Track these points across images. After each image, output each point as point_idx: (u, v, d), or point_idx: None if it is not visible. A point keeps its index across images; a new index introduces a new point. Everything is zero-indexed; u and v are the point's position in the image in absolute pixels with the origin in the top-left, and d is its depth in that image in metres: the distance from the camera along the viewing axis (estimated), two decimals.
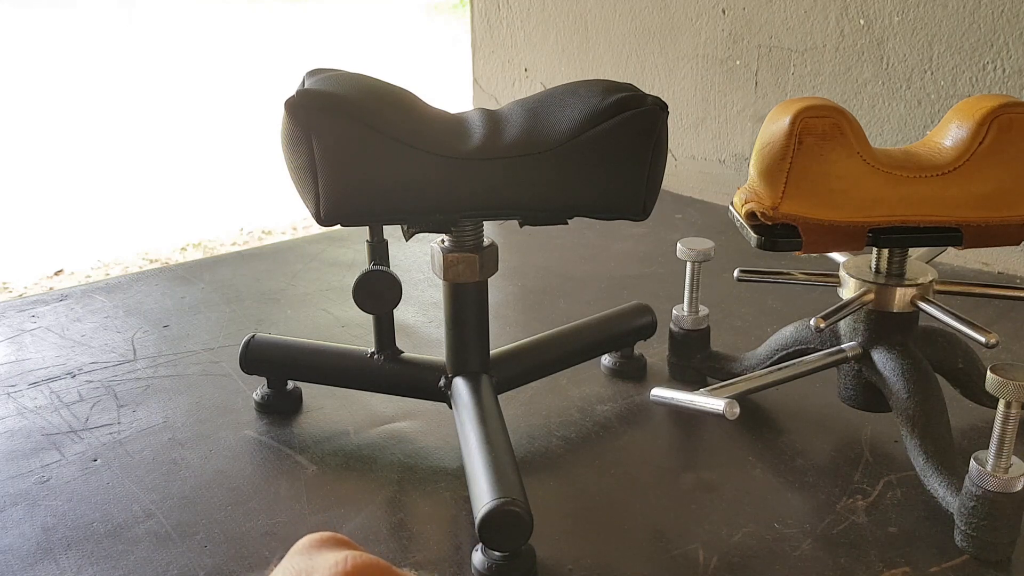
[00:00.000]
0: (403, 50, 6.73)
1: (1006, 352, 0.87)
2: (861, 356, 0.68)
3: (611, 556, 0.57)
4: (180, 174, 3.78)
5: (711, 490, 0.65)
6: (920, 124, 1.16)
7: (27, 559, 0.57)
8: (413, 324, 0.96)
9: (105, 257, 2.83)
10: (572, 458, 0.69)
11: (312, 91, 0.57)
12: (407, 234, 0.63)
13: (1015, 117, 0.60)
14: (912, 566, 0.56)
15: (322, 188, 0.57)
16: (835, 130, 0.60)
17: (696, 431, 0.74)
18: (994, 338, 0.59)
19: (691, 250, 0.76)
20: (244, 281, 1.10)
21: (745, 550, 0.58)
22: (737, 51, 1.35)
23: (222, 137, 4.35)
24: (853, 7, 1.19)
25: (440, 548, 0.59)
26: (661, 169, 0.61)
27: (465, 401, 0.65)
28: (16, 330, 0.96)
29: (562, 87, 0.64)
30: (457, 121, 0.62)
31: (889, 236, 0.63)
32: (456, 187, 0.58)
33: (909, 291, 0.66)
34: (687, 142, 1.48)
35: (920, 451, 0.62)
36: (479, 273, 0.66)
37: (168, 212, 3.27)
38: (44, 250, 2.88)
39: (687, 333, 0.79)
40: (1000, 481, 0.53)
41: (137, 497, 0.64)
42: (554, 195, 0.60)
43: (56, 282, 2.65)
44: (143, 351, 0.90)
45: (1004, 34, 1.06)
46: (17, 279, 2.66)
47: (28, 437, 0.73)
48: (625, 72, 1.53)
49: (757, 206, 0.63)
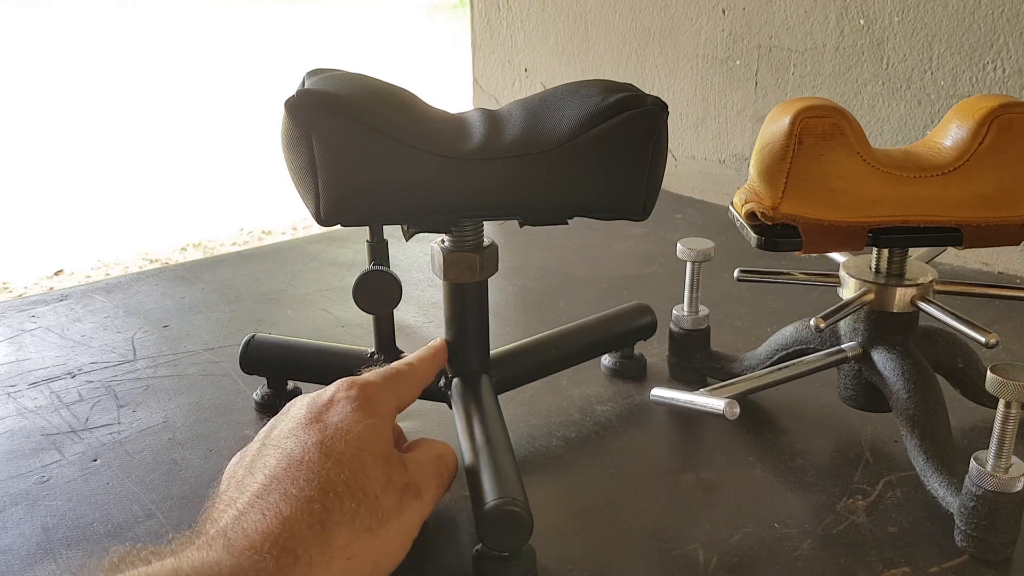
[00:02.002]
0: (403, 50, 6.72)
1: (1006, 352, 0.87)
2: (861, 356, 0.68)
3: (611, 556, 0.57)
4: (180, 174, 3.78)
5: (711, 490, 0.65)
6: (920, 124, 1.16)
7: (27, 559, 0.57)
8: (413, 324, 0.96)
9: (105, 257, 2.83)
10: (572, 458, 0.69)
11: (312, 91, 0.57)
12: (407, 234, 0.63)
13: (1015, 117, 0.60)
14: (912, 566, 0.56)
15: (322, 188, 0.57)
16: (835, 130, 0.60)
17: (696, 431, 0.74)
18: (994, 338, 0.59)
19: (691, 250, 0.76)
20: (244, 281, 1.10)
21: (745, 550, 0.58)
22: (737, 51, 1.35)
23: (222, 137, 4.35)
24: (853, 7, 1.19)
25: (440, 548, 0.59)
26: (661, 169, 0.61)
27: (465, 401, 0.65)
28: (16, 330, 0.96)
29: (562, 87, 0.64)
30: (457, 121, 0.62)
31: (889, 236, 0.63)
32: (456, 187, 0.58)
33: (909, 291, 0.66)
34: (687, 142, 1.48)
35: (920, 451, 0.62)
36: (479, 273, 0.66)
37: (168, 212, 3.27)
38: (44, 250, 2.88)
39: (687, 333, 0.79)
40: (1000, 481, 0.53)
41: (137, 497, 0.64)
42: (554, 195, 0.60)
43: (56, 282, 2.65)
44: (143, 351, 0.90)
45: (1004, 34, 1.06)
46: (17, 279, 2.66)
47: (28, 437, 0.73)
48: (625, 72, 1.53)
49: (757, 206, 0.63)
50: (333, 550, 0.45)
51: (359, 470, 0.48)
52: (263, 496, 0.45)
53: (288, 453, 0.48)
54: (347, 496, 0.46)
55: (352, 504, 0.46)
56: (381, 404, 0.54)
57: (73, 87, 5.60)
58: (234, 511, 0.45)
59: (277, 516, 0.44)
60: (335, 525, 0.45)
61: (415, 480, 0.52)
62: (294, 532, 0.44)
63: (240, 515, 0.44)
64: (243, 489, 0.47)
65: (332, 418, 0.51)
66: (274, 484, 0.46)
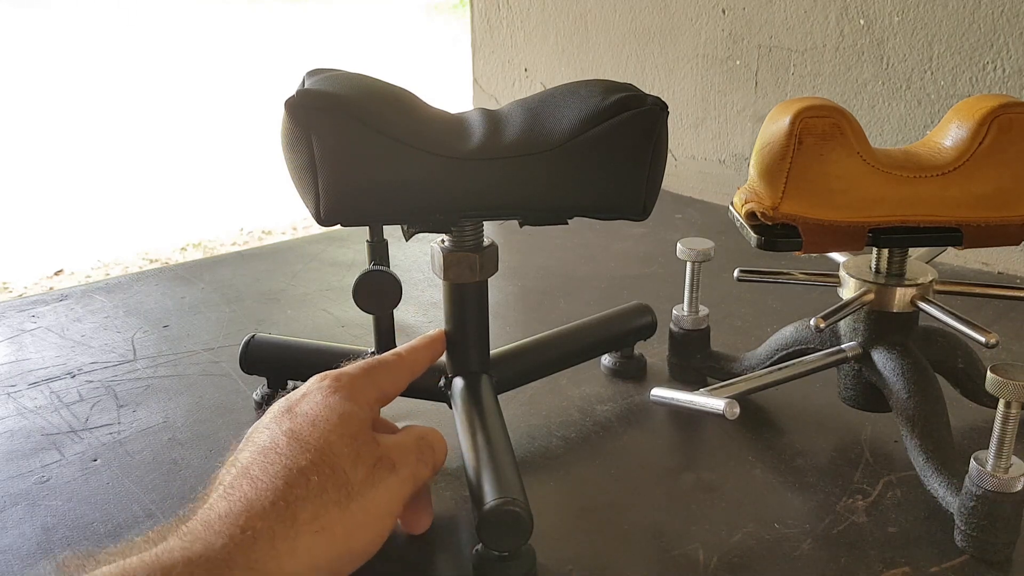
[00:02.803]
0: (403, 50, 6.72)
1: (1006, 352, 0.87)
2: (861, 356, 0.68)
3: (611, 556, 0.57)
4: (180, 174, 3.78)
5: (711, 490, 0.65)
6: (920, 124, 1.16)
7: (27, 559, 0.57)
8: (413, 324, 0.96)
9: (105, 257, 2.83)
10: (572, 458, 0.69)
11: (312, 91, 0.57)
12: (407, 234, 0.63)
13: (1015, 117, 0.60)
14: (912, 566, 0.56)
15: (322, 188, 0.57)
16: (835, 130, 0.60)
17: (696, 431, 0.74)
18: (994, 338, 0.59)
19: (691, 250, 0.76)
20: (244, 281, 1.10)
21: (745, 550, 0.58)
22: (737, 51, 1.35)
23: (222, 137, 4.35)
24: (853, 7, 1.19)
25: (440, 548, 0.59)
26: (661, 169, 0.61)
27: (465, 401, 0.65)
28: (16, 330, 0.96)
29: (562, 87, 0.64)
30: (457, 121, 0.62)
31: (889, 236, 0.63)
32: (456, 187, 0.58)
33: (909, 291, 0.66)
34: (687, 142, 1.48)
35: (920, 451, 0.62)
36: (479, 273, 0.66)
37: (168, 212, 3.27)
38: (44, 250, 2.88)
39: (687, 333, 0.79)
40: (1000, 481, 0.53)
41: (137, 497, 0.64)
42: (554, 195, 0.60)
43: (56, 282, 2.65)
44: (143, 351, 0.90)
45: (1004, 34, 1.06)
46: (17, 279, 2.66)
47: (28, 437, 0.73)
48: (625, 72, 1.53)
49: (757, 206, 0.63)
50: (299, 525, 0.44)
51: (325, 449, 0.48)
52: (232, 487, 0.46)
53: (259, 445, 0.49)
54: (312, 471, 0.46)
55: (317, 479, 0.46)
56: (357, 392, 0.54)
57: (73, 87, 5.60)
58: (203, 505, 0.46)
59: (241, 500, 0.44)
60: (299, 500, 0.45)
61: (389, 455, 0.51)
62: (255, 511, 0.44)
63: (208, 508, 0.45)
64: (217, 486, 0.48)
65: (303, 407, 0.52)
66: (242, 474, 0.47)
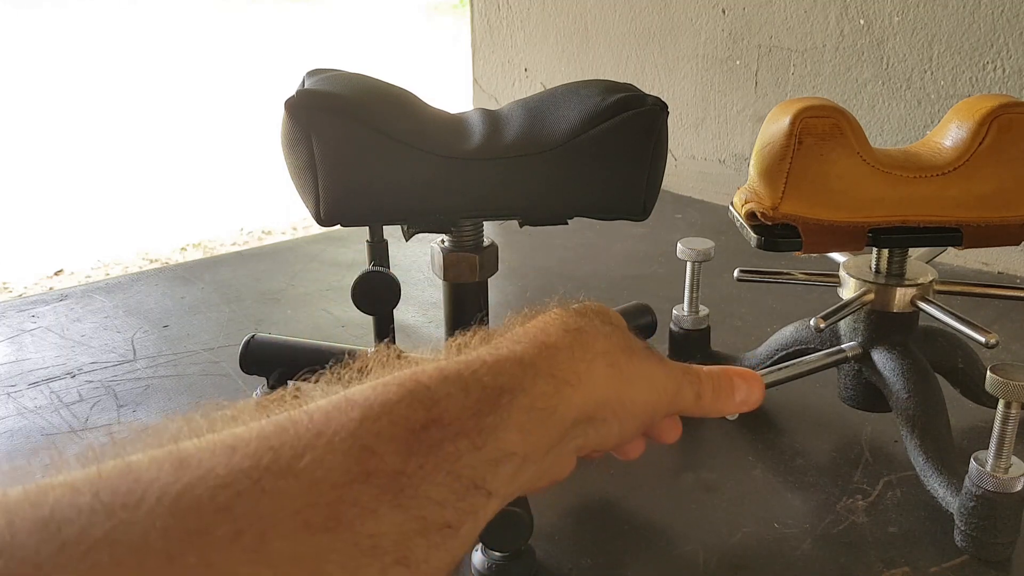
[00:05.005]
0: (403, 50, 6.73)
1: (1006, 352, 0.86)
2: (861, 356, 0.68)
3: (611, 556, 0.57)
4: (180, 174, 3.78)
5: (711, 490, 0.65)
6: (920, 124, 1.16)
7: None
8: (413, 324, 0.96)
9: (105, 257, 2.83)
10: None
11: (312, 91, 0.57)
12: (407, 234, 0.63)
13: (1015, 117, 0.60)
14: (912, 566, 0.56)
15: (322, 188, 0.57)
16: (835, 130, 0.60)
17: (696, 431, 0.74)
18: (994, 338, 0.59)
19: (691, 250, 0.76)
20: (244, 281, 1.10)
21: (745, 550, 0.58)
22: (737, 51, 1.35)
23: (222, 137, 4.35)
24: (853, 7, 1.19)
25: None
26: (661, 169, 0.61)
27: None
28: (16, 330, 0.96)
29: (562, 87, 0.64)
30: (457, 121, 0.62)
31: (889, 236, 0.63)
32: (456, 187, 0.58)
33: (909, 291, 0.66)
34: (687, 142, 1.48)
35: (920, 451, 0.62)
36: (479, 273, 0.66)
37: (168, 212, 3.27)
38: (44, 250, 2.88)
39: (687, 333, 0.79)
40: (1000, 481, 0.53)
41: None
42: (554, 195, 0.60)
43: (56, 282, 2.65)
44: (143, 351, 0.90)
45: (1004, 34, 1.06)
46: (17, 279, 2.66)
47: (28, 437, 0.73)
48: (625, 72, 1.53)
49: (757, 206, 0.63)
50: (594, 351, 0.42)
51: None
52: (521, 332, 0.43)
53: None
54: (601, 320, 0.44)
55: (606, 328, 0.45)
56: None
57: (73, 87, 5.61)
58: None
59: (535, 330, 0.42)
60: (591, 333, 0.43)
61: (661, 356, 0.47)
62: (551, 334, 0.42)
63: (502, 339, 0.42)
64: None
65: None
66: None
